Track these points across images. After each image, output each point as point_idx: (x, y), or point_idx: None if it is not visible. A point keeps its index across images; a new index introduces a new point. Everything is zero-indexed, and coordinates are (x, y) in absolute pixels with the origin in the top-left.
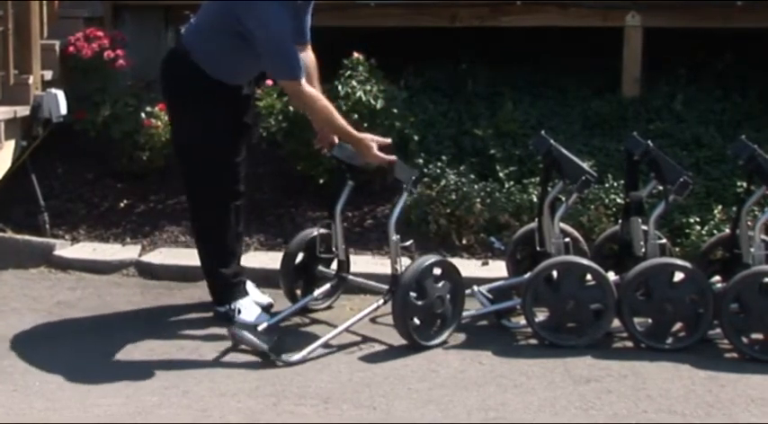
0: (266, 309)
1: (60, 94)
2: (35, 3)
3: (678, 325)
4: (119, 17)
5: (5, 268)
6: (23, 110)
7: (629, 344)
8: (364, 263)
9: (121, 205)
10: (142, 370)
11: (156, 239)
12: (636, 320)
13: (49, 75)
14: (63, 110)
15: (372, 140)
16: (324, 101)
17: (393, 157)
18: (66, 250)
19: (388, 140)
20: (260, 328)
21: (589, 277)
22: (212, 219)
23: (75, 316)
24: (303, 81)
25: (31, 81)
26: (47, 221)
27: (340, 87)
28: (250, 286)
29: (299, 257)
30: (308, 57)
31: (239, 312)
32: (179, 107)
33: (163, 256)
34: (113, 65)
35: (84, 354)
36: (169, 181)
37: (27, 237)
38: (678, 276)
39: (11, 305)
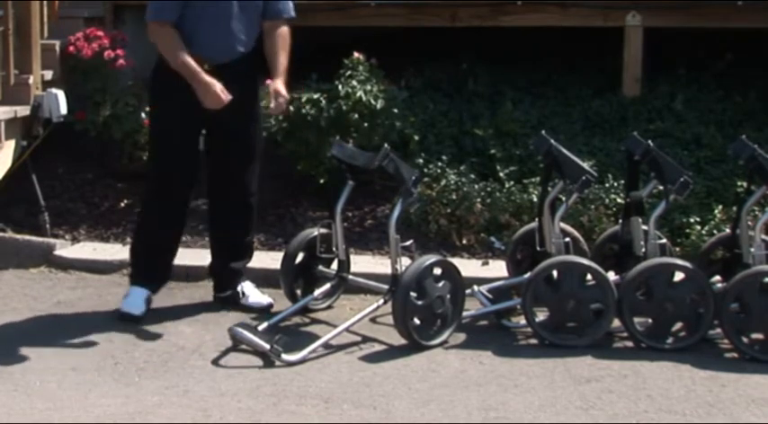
0: (267, 309)
1: (60, 94)
2: (35, 3)
3: (678, 325)
4: (119, 17)
5: (6, 267)
6: (24, 110)
7: (630, 344)
8: (365, 263)
9: (122, 205)
10: (142, 370)
11: None
12: (636, 320)
13: (49, 74)
14: (63, 109)
15: (222, 90)
16: (169, 46)
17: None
18: (66, 250)
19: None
20: (260, 328)
21: (589, 276)
22: (147, 202)
23: (76, 315)
24: (160, 23)
25: (31, 81)
26: (47, 221)
27: (340, 87)
28: (249, 285)
29: (300, 257)
30: (280, 31)
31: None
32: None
33: None
34: (114, 65)
35: (84, 354)
36: None
37: (27, 237)
38: (678, 276)
39: (11, 305)
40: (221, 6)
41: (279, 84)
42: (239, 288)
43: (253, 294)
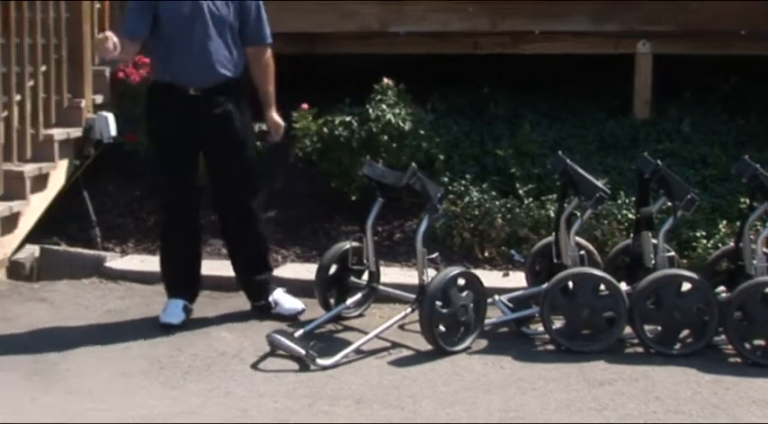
0: (299, 314)
1: (110, 117)
2: (88, 31)
3: (685, 332)
4: None
5: (60, 278)
6: (76, 132)
7: (640, 349)
8: (393, 274)
9: None
10: (187, 373)
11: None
12: (646, 327)
13: (99, 98)
14: (113, 131)
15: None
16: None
17: None
18: (116, 261)
19: None
20: (296, 334)
21: (603, 287)
22: (161, 219)
23: (124, 323)
24: (126, 37)
25: (83, 104)
26: (98, 235)
27: (371, 110)
28: (280, 293)
29: (333, 268)
30: (261, 59)
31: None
32: None
33: (206, 268)
34: None
35: (132, 359)
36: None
37: (80, 250)
38: (686, 286)
39: (65, 313)
40: (196, 30)
41: (274, 115)
42: (270, 298)
43: (284, 300)
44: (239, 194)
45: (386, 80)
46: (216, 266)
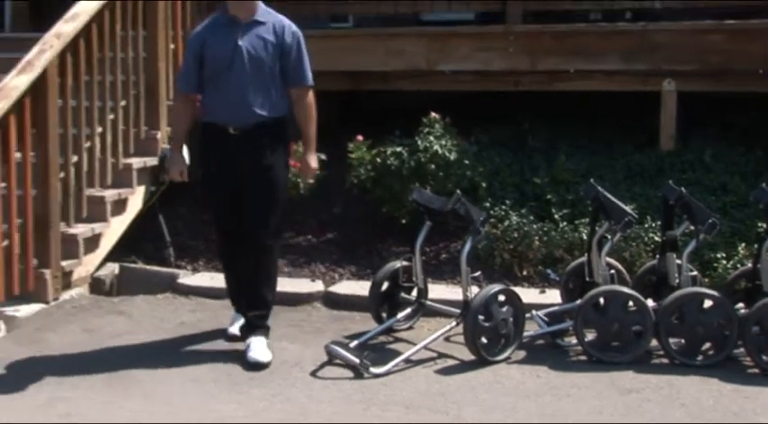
0: (261, 367)
1: (184, 147)
2: (163, 69)
3: (707, 345)
4: None
5: (137, 293)
6: (152, 161)
7: (666, 361)
8: (440, 291)
9: None
10: (252, 380)
11: None
12: (671, 340)
13: None
14: (188, 161)
15: (180, 173)
16: (173, 115)
17: None
18: (188, 278)
19: None
20: (352, 345)
21: (631, 303)
22: (217, 246)
23: (195, 335)
24: (179, 93)
25: (158, 136)
26: (172, 254)
27: (420, 141)
28: (261, 340)
29: (385, 285)
30: (303, 100)
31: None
32: None
33: None
34: None
35: (203, 367)
36: None
37: (155, 268)
38: (707, 303)
39: (142, 326)
40: (234, 71)
41: (309, 158)
42: (249, 339)
43: (255, 348)
44: (258, 238)
45: (433, 114)
46: (278, 282)
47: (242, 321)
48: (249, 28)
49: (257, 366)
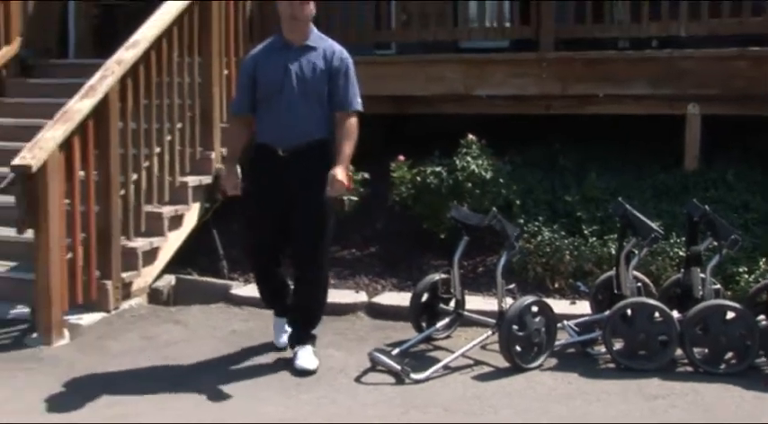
0: (308, 374)
1: (236, 167)
2: (217, 94)
3: (730, 354)
4: None
5: (193, 303)
6: (207, 179)
7: (690, 369)
8: (476, 302)
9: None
10: (299, 385)
11: None
12: (695, 349)
13: (226, 151)
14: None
15: (234, 186)
16: (227, 135)
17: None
18: (240, 289)
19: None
20: (394, 353)
21: (657, 314)
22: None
23: (247, 342)
24: (233, 115)
25: (213, 156)
26: (225, 267)
27: (457, 161)
28: (308, 349)
29: (425, 297)
30: (346, 122)
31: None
32: None
33: None
34: None
35: (253, 372)
36: None
37: (209, 279)
38: (730, 315)
39: (197, 333)
40: (284, 93)
41: (337, 171)
42: (296, 349)
43: (302, 356)
44: (308, 254)
45: (470, 136)
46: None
47: (286, 329)
48: (301, 52)
49: (304, 373)
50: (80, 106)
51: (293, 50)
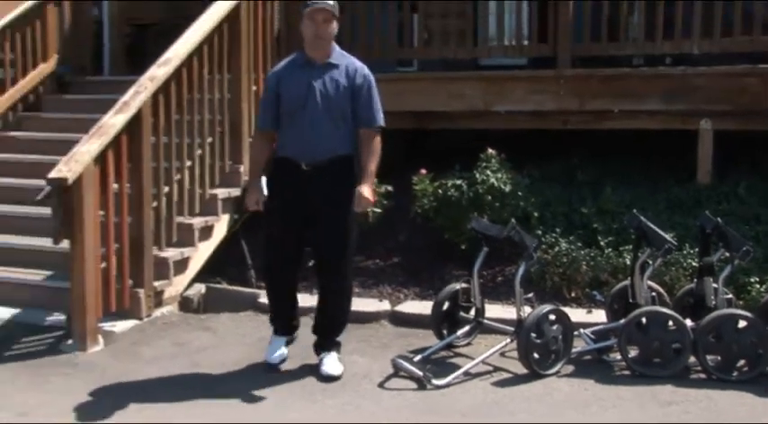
0: (334, 379)
1: (264, 179)
2: (245, 109)
3: (742, 362)
4: None
5: (222, 311)
6: (236, 191)
7: (703, 376)
8: (496, 310)
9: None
10: (325, 391)
11: None
12: (708, 357)
13: None
14: (265, 191)
15: (256, 201)
16: (252, 150)
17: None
18: (267, 298)
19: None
20: (416, 359)
21: (671, 323)
22: (265, 276)
23: None
24: (258, 130)
25: (241, 169)
26: (253, 276)
27: (477, 175)
28: (333, 355)
29: (446, 305)
30: (369, 140)
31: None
32: None
33: None
34: None
35: (280, 377)
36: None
37: (238, 288)
38: (742, 323)
39: (226, 340)
40: (307, 110)
41: (364, 188)
42: (321, 355)
43: (328, 362)
44: (333, 265)
45: (490, 150)
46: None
47: (284, 348)
48: (324, 70)
49: (330, 379)
50: (114, 121)
51: (316, 68)
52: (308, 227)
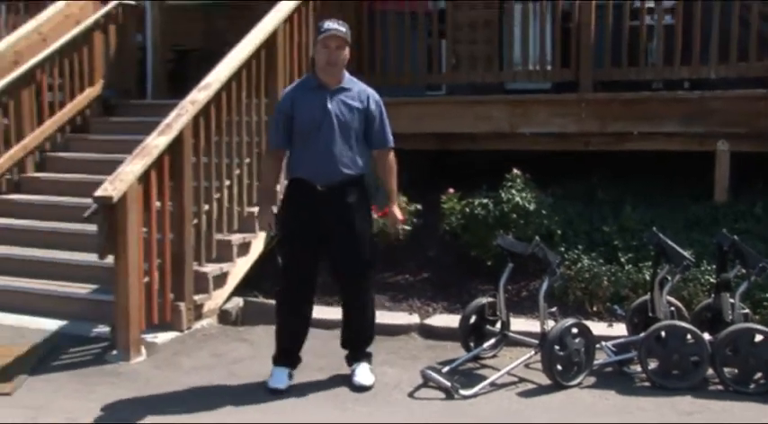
0: (365, 390)
1: (272, 205)
2: None
3: (758, 374)
4: None
5: (258, 324)
6: (273, 209)
7: (721, 387)
8: (520, 324)
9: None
10: (357, 400)
11: None
12: (726, 369)
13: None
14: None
15: (269, 224)
16: (264, 169)
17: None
18: None
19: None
20: (444, 370)
21: (689, 336)
22: (279, 296)
23: (307, 360)
24: (271, 149)
25: (278, 188)
26: None
27: (503, 194)
28: (365, 366)
29: (473, 318)
30: (385, 160)
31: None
32: None
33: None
34: None
35: (311, 387)
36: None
37: (272, 301)
38: (758, 337)
39: (262, 352)
40: (323, 132)
41: (394, 210)
42: (353, 366)
43: (360, 373)
44: (354, 281)
45: (515, 170)
46: (380, 315)
47: (285, 375)
48: (337, 93)
49: (362, 389)
50: (157, 142)
51: (330, 92)
52: (322, 245)
